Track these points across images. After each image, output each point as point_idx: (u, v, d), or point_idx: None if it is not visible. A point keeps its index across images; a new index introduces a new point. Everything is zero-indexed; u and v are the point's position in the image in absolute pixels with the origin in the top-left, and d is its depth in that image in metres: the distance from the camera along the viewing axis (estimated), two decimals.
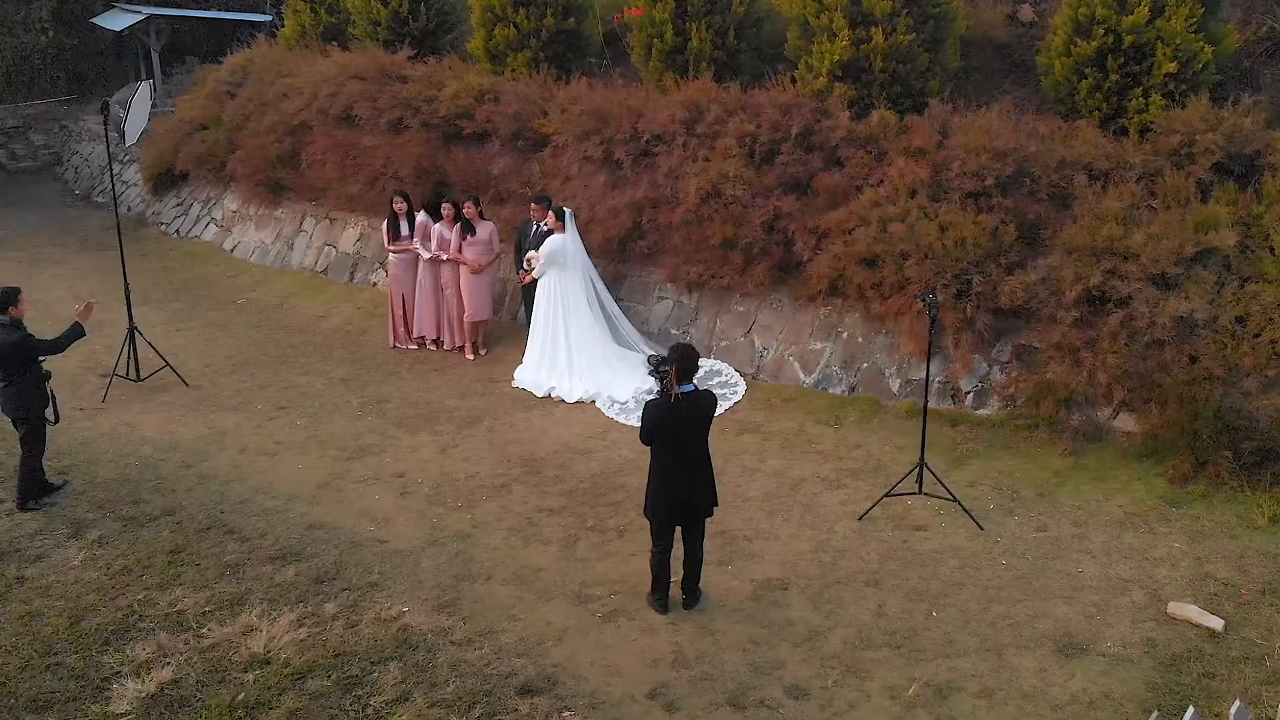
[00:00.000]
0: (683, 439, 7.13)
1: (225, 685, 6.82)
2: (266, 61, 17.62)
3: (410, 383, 11.85)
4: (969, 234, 10.20)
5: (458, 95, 13.63)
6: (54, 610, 7.63)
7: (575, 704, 6.60)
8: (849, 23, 11.26)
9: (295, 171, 15.68)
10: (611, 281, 12.26)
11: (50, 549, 8.49)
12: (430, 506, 9.08)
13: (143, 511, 9.04)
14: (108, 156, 11.93)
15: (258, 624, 7.43)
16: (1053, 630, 7.20)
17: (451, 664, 6.99)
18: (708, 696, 6.64)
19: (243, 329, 13.82)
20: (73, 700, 6.70)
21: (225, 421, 10.89)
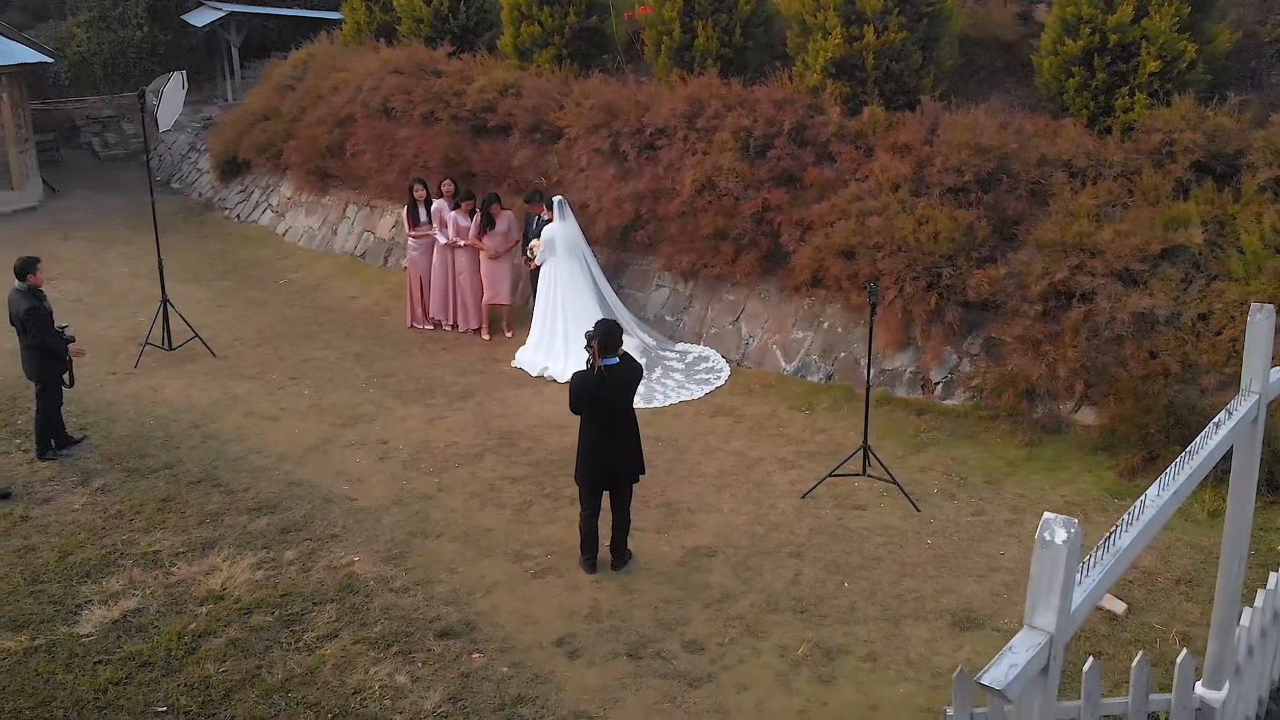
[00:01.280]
0: (607, 408, 7.59)
1: (180, 616, 7.51)
2: (325, 57, 18.57)
3: (418, 359, 12.52)
4: (943, 228, 10.42)
5: (484, 89, 14.29)
6: (47, 545, 8.44)
7: (486, 648, 7.11)
8: (842, 21, 11.54)
9: (341, 161, 16.53)
10: (614, 269, 12.75)
11: (58, 493, 9.33)
12: (404, 470, 9.69)
13: (145, 464, 9.84)
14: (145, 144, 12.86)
15: (221, 565, 8.12)
16: (955, 605, 7.46)
17: (384, 608, 7.56)
18: (609, 647, 7.08)
19: (278, 307, 14.68)
20: (46, 622, 7.46)
21: (240, 388, 11.70)
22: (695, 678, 6.75)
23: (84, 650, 7.14)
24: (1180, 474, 3.84)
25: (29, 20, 26.82)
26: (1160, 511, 3.63)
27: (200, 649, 7.14)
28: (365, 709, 6.53)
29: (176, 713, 6.53)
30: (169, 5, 26.10)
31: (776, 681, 6.71)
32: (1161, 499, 3.64)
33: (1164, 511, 3.68)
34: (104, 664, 7.00)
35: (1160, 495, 3.67)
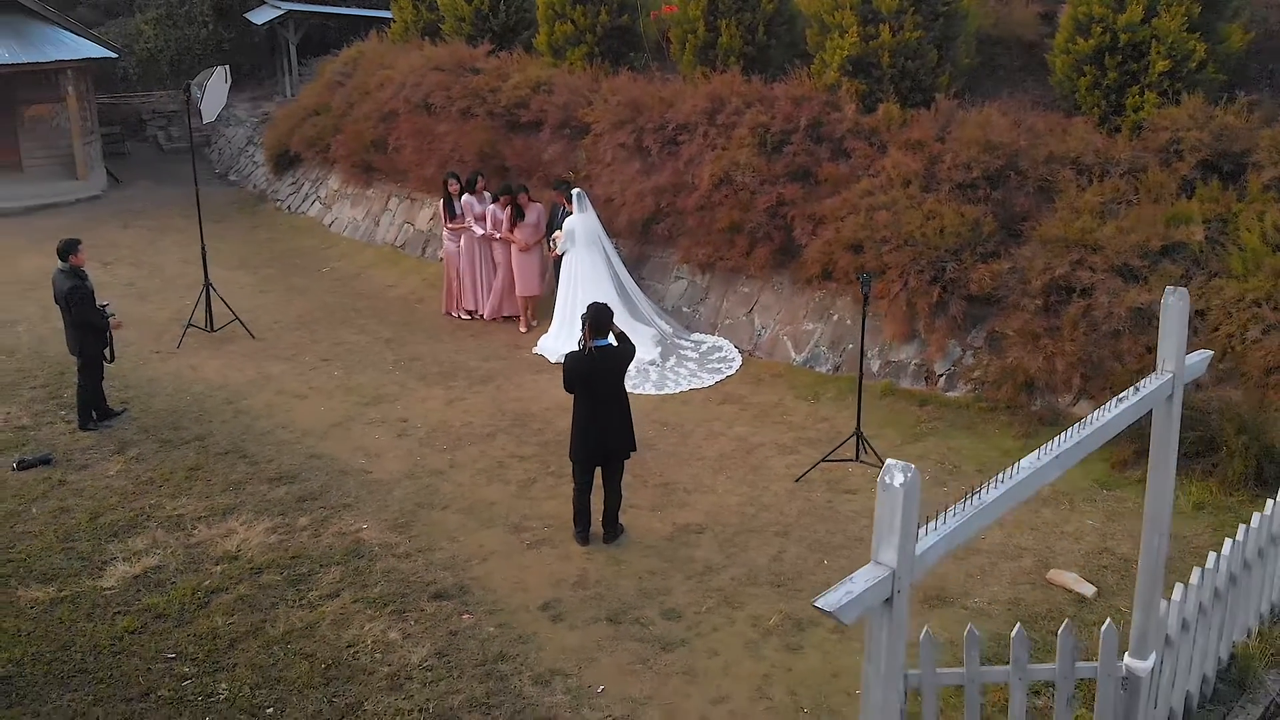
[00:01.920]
0: (599, 387, 7.97)
1: (196, 573, 8.04)
2: (373, 54, 19.17)
3: (445, 345, 13.00)
4: (949, 223, 10.63)
5: (518, 86, 14.75)
6: (81, 507, 9.04)
7: (476, 609, 7.53)
8: (859, 20, 11.79)
9: (384, 155, 17.10)
10: (635, 261, 13.13)
11: (95, 461, 9.95)
12: (419, 447, 10.16)
13: (178, 436, 10.43)
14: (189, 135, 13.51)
15: (238, 529, 8.65)
16: (928, 584, 7.70)
17: (385, 571, 8.02)
18: (591, 612, 7.46)
19: (319, 294, 15.27)
20: (73, 575, 8.04)
21: (274, 369, 12.27)
22: (669, 642, 7.10)
23: (105, 601, 7.69)
24: (1065, 443, 4.11)
25: (100, 17, 27.84)
26: (1036, 475, 3.90)
27: (211, 603, 7.66)
28: (356, 661, 6.98)
29: (184, 659, 7.04)
30: (233, 3, 26.94)
31: (746, 648, 7.04)
32: (1038, 465, 3.91)
33: (1041, 475, 3.95)
34: (122, 614, 7.54)
35: (1038, 461, 3.94)
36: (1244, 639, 6.55)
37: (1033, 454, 4.07)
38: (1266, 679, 6.38)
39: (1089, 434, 4.23)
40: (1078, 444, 4.14)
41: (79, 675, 6.91)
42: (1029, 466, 3.91)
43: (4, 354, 12.68)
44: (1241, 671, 6.38)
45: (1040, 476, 3.97)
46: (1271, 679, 6.41)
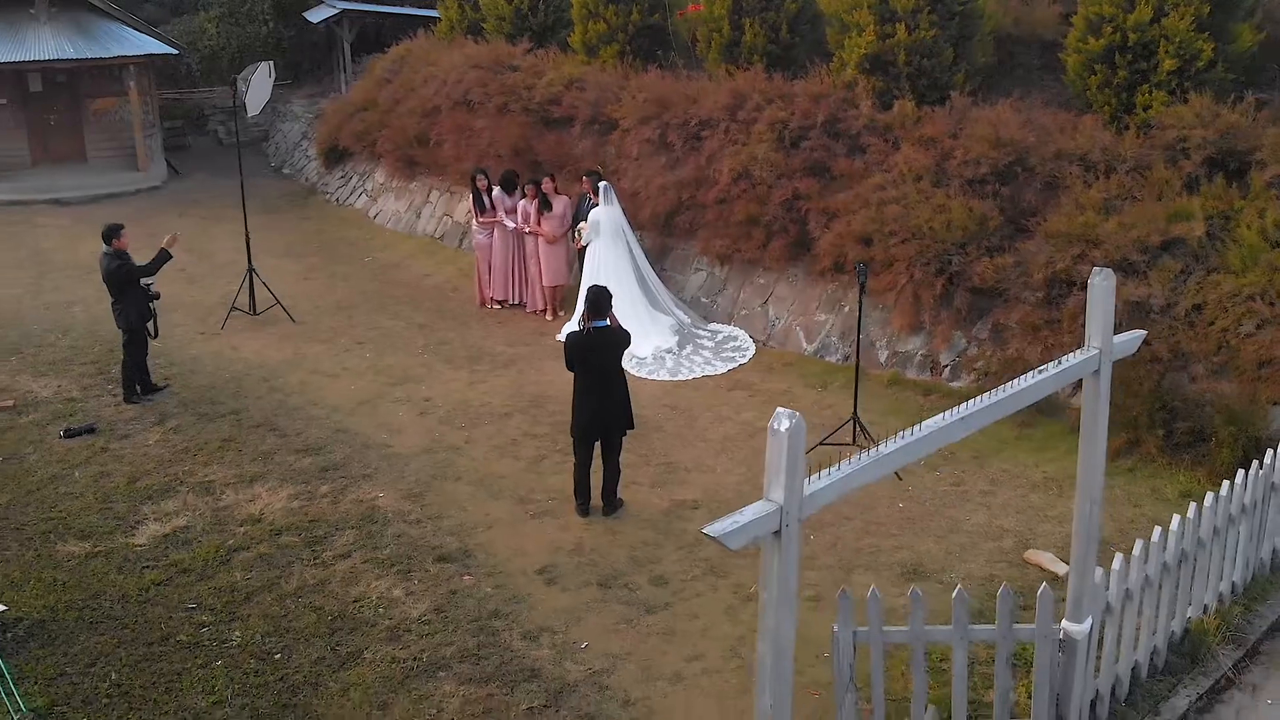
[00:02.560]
0: (597, 366, 8.40)
1: (221, 533, 8.62)
2: (420, 52, 19.81)
3: (474, 331, 13.53)
4: (957, 218, 10.90)
5: (551, 83, 15.24)
6: (120, 472, 9.68)
7: (477, 572, 8.01)
8: (876, 19, 12.08)
9: (426, 149, 17.70)
10: (658, 253, 13.55)
11: (137, 431, 10.61)
12: (439, 425, 10.67)
13: (215, 410, 11.06)
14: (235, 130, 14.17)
15: (263, 495, 9.23)
16: (908, 560, 8.04)
17: (395, 535, 8.54)
18: (584, 577, 7.90)
19: (359, 281, 15.90)
20: (108, 533, 8.66)
21: (310, 350, 12.88)
22: (653, 606, 7.51)
23: (136, 557, 8.30)
24: (974, 406, 4.45)
25: (165, 15, 28.89)
26: (939, 434, 4.25)
27: (233, 560, 8.22)
28: (360, 614, 7.49)
29: (203, 609, 7.60)
30: (292, 2, 27.82)
31: (725, 613, 7.43)
32: (941, 424, 4.26)
33: (945, 435, 4.30)
34: (150, 569, 8.13)
35: (942, 421, 4.29)
36: (1200, 615, 6.79)
37: (938, 416, 4.42)
38: (1220, 654, 6.63)
39: (1000, 399, 4.58)
40: (987, 408, 4.48)
41: (106, 621, 7.49)
42: (931, 425, 4.27)
43: (59, 332, 13.47)
44: (1195, 645, 6.63)
45: (944, 436, 4.32)
46: (1225, 654, 6.65)
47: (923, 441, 4.21)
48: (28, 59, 20.74)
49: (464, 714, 6.46)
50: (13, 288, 15.54)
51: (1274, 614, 7.09)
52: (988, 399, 4.56)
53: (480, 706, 6.53)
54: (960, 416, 4.37)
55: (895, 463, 4.18)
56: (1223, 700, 6.41)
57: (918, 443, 4.19)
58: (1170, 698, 6.29)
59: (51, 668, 6.99)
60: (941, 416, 4.39)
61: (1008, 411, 4.76)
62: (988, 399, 4.56)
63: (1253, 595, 7.24)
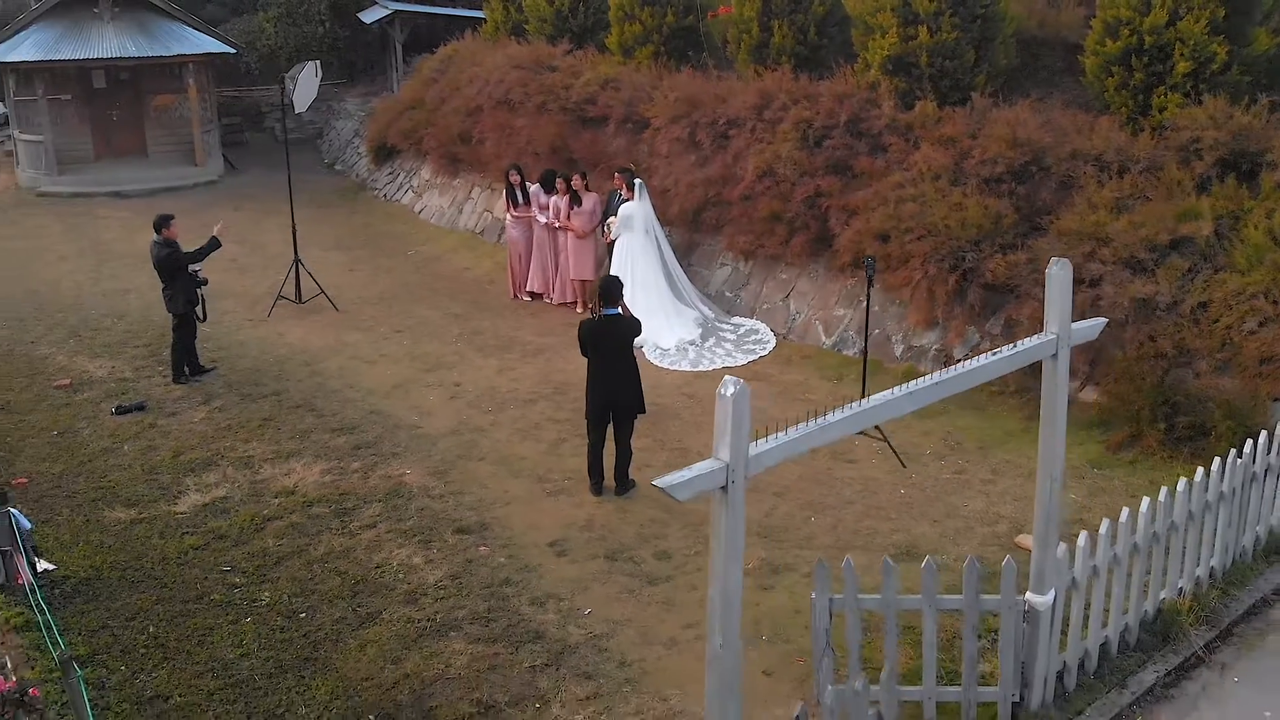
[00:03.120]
0: (607, 351, 8.85)
1: (257, 504, 9.19)
2: (466, 52, 20.39)
3: (507, 321, 14.04)
4: (972, 215, 11.18)
5: (588, 83, 15.71)
6: (166, 447, 10.31)
7: (492, 543, 8.49)
8: (899, 21, 12.38)
9: (469, 147, 18.27)
10: (685, 248, 13.96)
11: (183, 409, 11.24)
12: (467, 408, 11.18)
13: (258, 391, 11.67)
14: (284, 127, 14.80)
15: (298, 469, 9.80)
16: (902, 541, 8.37)
17: (419, 508, 9.05)
18: (592, 550, 8.35)
19: (402, 273, 16.49)
20: (153, 502, 9.27)
21: (350, 337, 13.47)
22: (655, 578, 7.94)
23: (177, 524, 8.89)
24: (924, 383, 4.82)
25: (226, 15, 29.77)
26: (886, 408, 4.63)
27: (266, 528, 8.78)
28: (381, 579, 8.00)
29: (236, 572, 8.16)
30: (348, 3, 28.58)
31: None
32: (889, 398, 4.64)
33: (892, 408, 4.67)
34: (189, 534, 8.73)
35: (891, 395, 4.66)
36: (1175, 596, 7.05)
37: (889, 390, 4.79)
38: (1192, 634, 6.90)
39: (950, 378, 4.93)
40: (935, 385, 4.85)
41: (146, 580, 8.08)
42: (879, 399, 4.65)
43: (115, 317, 14.21)
44: (1167, 625, 6.91)
45: (890, 409, 4.70)
46: (1197, 634, 6.92)
47: (869, 413, 4.59)
48: (92, 57, 21.66)
49: (470, 670, 6.94)
50: (74, 275, 16.35)
51: (1252, 599, 7.33)
52: (937, 377, 4.92)
53: (486, 663, 7.00)
54: (908, 392, 4.74)
55: (839, 431, 4.56)
56: (1191, 677, 6.68)
57: (864, 414, 4.57)
58: (1138, 673, 6.58)
59: (94, 621, 7.58)
60: (890, 391, 4.77)
61: (957, 390, 5.11)
62: (937, 377, 4.92)
63: (1232, 580, 7.48)
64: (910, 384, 4.85)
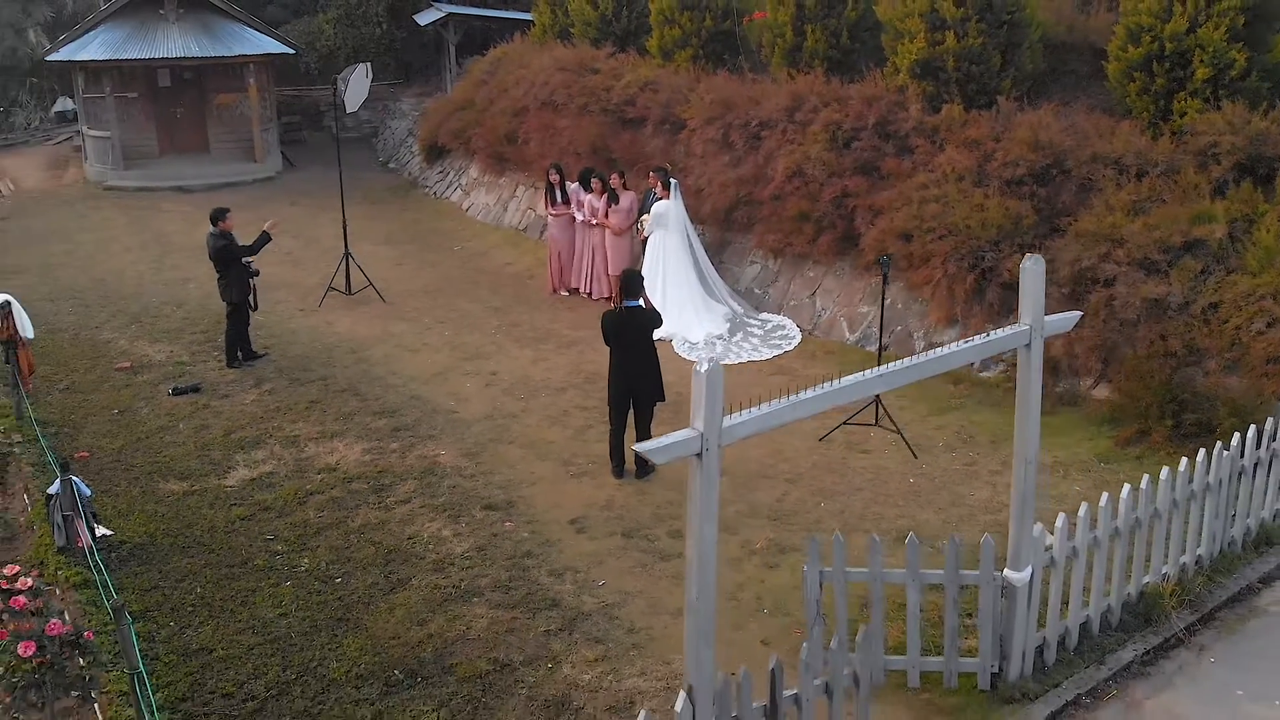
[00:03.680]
0: (628, 340, 9.33)
1: (301, 479, 9.81)
2: (515, 55, 20.99)
3: (544, 315, 14.57)
4: (993, 216, 11.51)
5: (628, 85, 16.20)
6: (218, 426, 10.98)
7: (517, 520, 9.02)
8: (926, 26, 12.72)
9: (514, 147, 18.85)
10: (717, 246, 14.40)
11: (236, 392, 11.92)
12: (501, 396, 11.72)
13: (306, 376, 12.32)
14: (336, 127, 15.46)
15: (340, 448, 10.40)
16: (905, 526, 8.73)
17: (451, 486, 9.60)
18: (610, 528, 8.84)
19: (447, 268, 17.11)
20: (204, 476, 9.93)
21: (396, 327, 14.09)
22: (667, 554, 8.40)
23: (226, 496, 9.53)
24: (896, 367, 5.23)
25: (287, 16, 30.68)
26: (858, 387, 5.05)
27: (308, 502, 9.39)
28: (413, 549, 8.56)
29: (279, 540, 8.77)
30: (404, 5, 29.36)
31: (730, 564, 8.27)
32: (861, 379, 5.06)
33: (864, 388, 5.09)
34: (237, 506, 9.35)
35: (862, 377, 5.09)
36: (1159, 581, 7.37)
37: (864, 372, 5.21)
38: (1174, 616, 7.22)
39: (922, 362, 5.34)
40: (907, 369, 5.26)
41: (195, 547, 8.72)
42: (851, 379, 5.07)
43: (175, 305, 14.99)
44: (1149, 607, 7.23)
45: (861, 389, 5.12)
46: (1179, 617, 7.24)
47: (841, 392, 5.02)
48: (157, 56, 22.62)
49: (490, 632, 7.46)
50: (137, 265, 17.20)
51: (1237, 586, 7.63)
52: (910, 361, 5.33)
53: (504, 627, 7.52)
54: (879, 374, 5.16)
55: (808, 409, 5.00)
56: (1169, 657, 7.01)
57: (835, 392, 5.00)
58: (1117, 651, 6.92)
59: (147, 581, 8.22)
60: (864, 373, 5.19)
61: (928, 374, 5.52)
62: (910, 361, 5.33)
63: (1219, 569, 7.76)
64: (882, 367, 5.26)
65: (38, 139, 28.12)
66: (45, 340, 13.03)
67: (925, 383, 11.49)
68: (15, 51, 29.10)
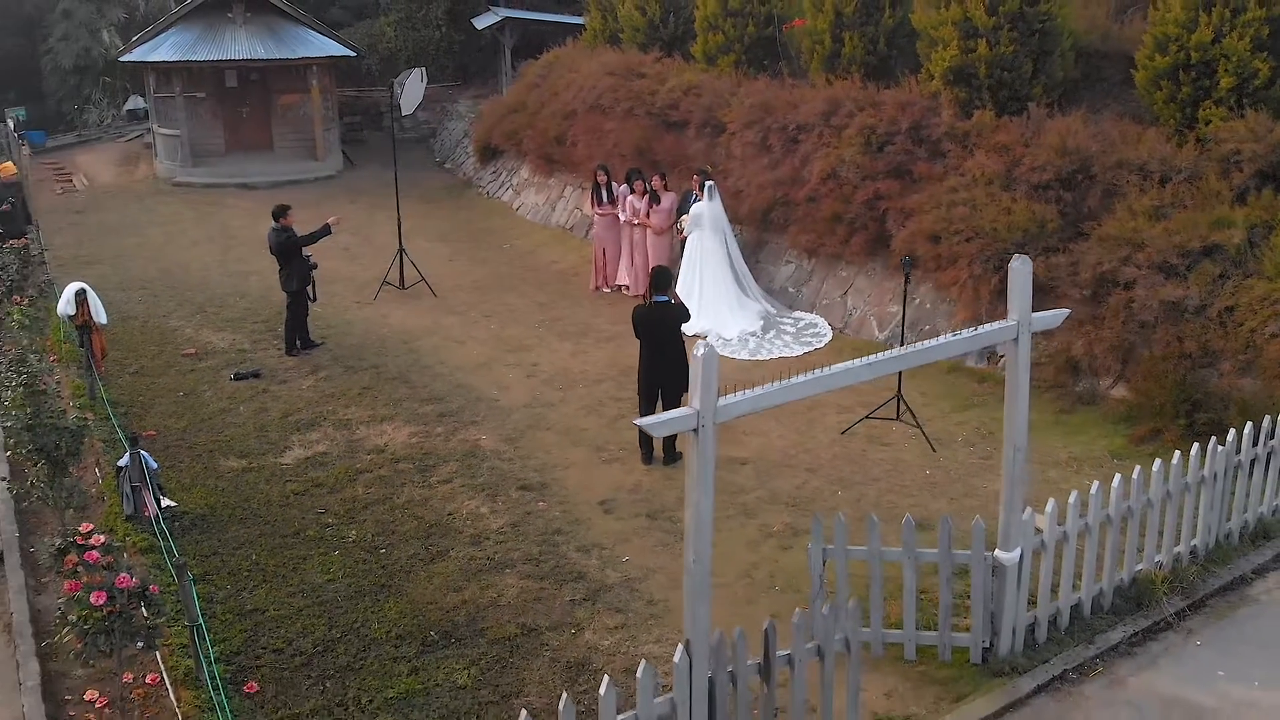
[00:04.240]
0: (656, 333, 9.88)
1: (352, 459, 10.48)
2: (566, 59, 21.63)
3: (586, 310, 15.16)
4: (1018, 219, 11.87)
5: (672, 89, 16.74)
6: (276, 409, 11.70)
7: (550, 500, 9.60)
8: (959, 34, 13.10)
9: (563, 149, 19.47)
10: (754, 246, 14.89)
11: (294, 378, 12.65)
12: (541, 386, 12.32)
13: (360, 364, 13.02)
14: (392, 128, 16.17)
15: (389, 431, 11.07)
16: (918, 515, 8.98)
17: (490, 468, 10.22)
18: (636, 509, 9.39)
19: (496, 265, 17.78)
20: (262, 454, 10.64)
21: (445, 320, 14.77)
22: None
23: (281, 473, 10.22)
24: (884, 357, 5.70)
25: (350, 18, 31.66)
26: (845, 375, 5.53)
27: (358, 479, 10.05)
28: (452, 524, 9.18)
29: (329, 514, 9.43)
30: (463, 9, 30.13)
31: (747, 545, 8.79)
32: (849, 367, 5.54)
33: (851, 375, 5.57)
34: (291, 482, 10.04)
35: (851, 365, 5.57)
36: (1152, 568, 7.74)
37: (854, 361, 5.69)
38: (1165, 602, 7.59)
39: (908, 353, 5.81)
40: (894, 359, 5.73)
41: (252, 518, 9.41)
42: (840, 368, 5.56)
43: (238, 296, 15.82)
44: (1141, 593, 7.61)
45: (850, 376, 5.60)
46: (1170, 603, 7.61)
47: (830, 378, 5.51)
48: (225, 58, 23.61)
49: (519, 599, 8.04)
50: (203, 258, 18.09)
51: (1231, 575, 7.96)
52: (897, 352, 5.80)
53: (533, 596, 8.10)
54: (868, 363, 5.64)
55: (799, 393, 5.48)
56: (1156, 639, 7.38)
57: (826, 378, 5.49)
58: (1107, 632, 7.31)
59: (207, 549, 8.92)
60: (853, 361, 5.68)
61: (914, 364, 5.99)
62: (897, 352, 5.80)
63: (1214, 559, 8.10)
64: (871, 356, 5.74)
65: (110, 136, 29.34)
66: (117, 327, 13.88)
67: (954, 381, 12.02)
68: (90, 51, 30.40)
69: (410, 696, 7.04)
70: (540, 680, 7.16)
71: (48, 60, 31.45)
